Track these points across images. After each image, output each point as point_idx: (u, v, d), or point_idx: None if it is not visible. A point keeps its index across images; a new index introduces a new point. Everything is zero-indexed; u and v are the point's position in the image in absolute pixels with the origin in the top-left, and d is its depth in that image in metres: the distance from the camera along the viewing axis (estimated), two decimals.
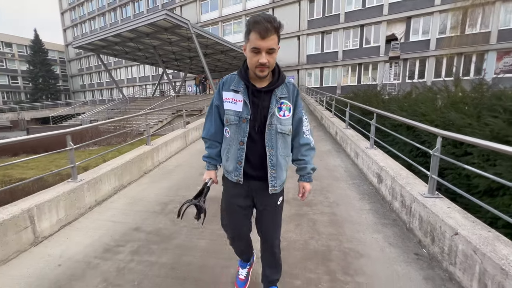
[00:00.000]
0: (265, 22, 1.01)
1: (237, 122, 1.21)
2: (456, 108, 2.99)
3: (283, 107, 1.22)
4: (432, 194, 2.17)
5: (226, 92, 1.24)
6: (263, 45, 1.04)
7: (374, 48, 21.37)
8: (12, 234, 2.01)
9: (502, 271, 1.32)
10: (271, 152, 1.22)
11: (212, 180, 1.37)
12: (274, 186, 1.26)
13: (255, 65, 1.09)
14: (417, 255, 1.99)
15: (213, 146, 1.37)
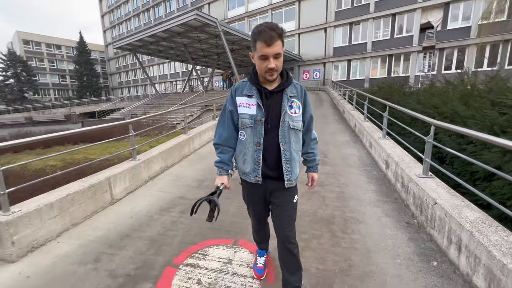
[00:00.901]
0: (269, 31, 1.10)
1: (253, 125, 1.28)
2: (463, 101, 3.18)
3: (293, 105, 1.29)
4: (426, 175, 2.53)
5: (240, 97, 1.31)
6: (269, 51, 1.12)
7: (407, 37, 20.23)
8: (99, 194, 2.81)
9: (460, 226, 1.72)
10: (285, 147, 1.29)
11: (224, 185, 1.39)
12: (290, 180, 1.33)
13: (264, 70, 1.18)
14: (408, 223, 2.40)
15: (225, 152, 1.40)
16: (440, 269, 1.80)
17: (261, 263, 1.77)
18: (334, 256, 1.98)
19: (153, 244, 2.22)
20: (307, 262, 1.87)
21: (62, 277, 1.85)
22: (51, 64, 46.39)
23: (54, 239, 2.31)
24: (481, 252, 1.50)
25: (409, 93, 5.60)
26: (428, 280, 1.71)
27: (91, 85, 45.16)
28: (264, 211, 1.52)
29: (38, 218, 2.19)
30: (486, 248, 1.45)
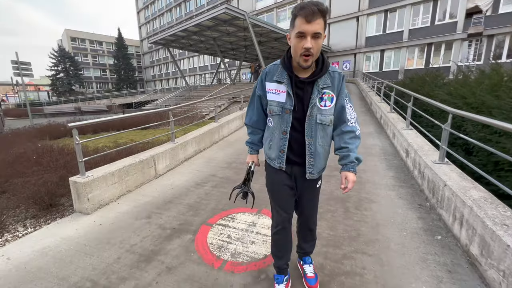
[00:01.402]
0: (311, 6, 1.01)
1: (280, 113, 1.23)
2: (492, 91, 3.11)
3: (324, 97, 1.20)
4: (441, 161, 2.64)
5: (269, 82, 1.25)
6: (309, 29, 1.02)
7: (450, 24, 18.55)
8: (146, 168, 3.37)
9: (463, 203, 1.88)
10: (310, 141, 1.24)
11: (255, 163, 1.47)
12: (312, 173, 1.30)
13: (299, 52, 1.08)
14: (420, 205, 2.56)
15: (255, 133, 1.44)
16: (443, 242, 1.98)
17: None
18: (345, 226, 2.25)
19: (191, 208, 2.69)
20: (319, 229, 2.17)
21: (125, 226, 2.39)
22: (94, 59, 50.54)
23: (115, 201, 2.89)
24: (477, 224, 1.67)
25: (442, 84, 5.41)
26: (429, 249, 1.92)
27: (128, 78, 48.50)
28: (290, 198, 1.39)
29: (104, 183, 2.77)
30: (482, 219, 1.62)
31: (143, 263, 1.88)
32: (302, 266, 1.63)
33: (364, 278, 1.66)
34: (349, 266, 1.76)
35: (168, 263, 1.86)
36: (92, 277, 1.75)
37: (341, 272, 1.72)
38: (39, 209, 2.86)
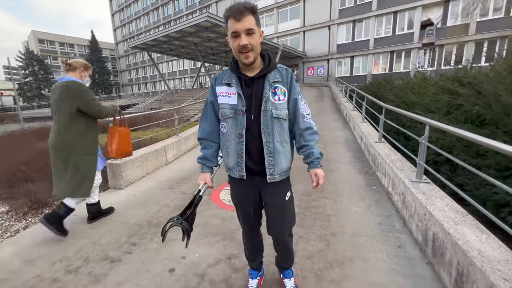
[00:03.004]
0: (238, 6, 1.03)
1: (233, 115, 1.19)
2: (416, 92, 4.35)
3: (277, 92, 1.18)
4: (380, 141, 3.77)
5: (219, 86, 1.22)
6: (239, 27, 1.04)
7: (408, 34, 20.96)
8: (159, 156, 4.15)
9: (386, 162, 2.97)
10: (268, 138, 1.19)
11: (207, 185, 1.33)
12: (272, 174, 1.21)
13: (237, 49, 1.08)
14: (366, 172, 3.66)
15: (209, 147, 1.33)
16: (376, 190, 3.06)
17: (253, 286, 1.56)
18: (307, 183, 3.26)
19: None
20: (298, 187, 3.14)
21: (154, 195, 3.19)
22: None
23: (139, 180, 3.66)
24: (390, 172, 2.75)
25: (392, 88, 6.75)
26: (367, 193, 2.97)
27: (103, 82, 46.97)
28: (254, 213, 1.36)
29: (131, 165, 3.53)
30: (392, 170, 2.70)
31: (178, 210, 2.71)
32: (283, 280, 1.58)
33: (325, 209, 2.65)
34: (316, 203, 2.76)
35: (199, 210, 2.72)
36: (146, 219, 2.56)
37: (311, 206, 2.71)
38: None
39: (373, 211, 2.57)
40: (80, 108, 2.18)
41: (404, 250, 1.97)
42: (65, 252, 2.07)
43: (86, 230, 2.41)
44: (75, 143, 2.22)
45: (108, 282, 1.73)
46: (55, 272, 1.84)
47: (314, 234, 2.19)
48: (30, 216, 2.94)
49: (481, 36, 17.69)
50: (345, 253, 1.95)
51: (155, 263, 1.90)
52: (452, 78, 3.19)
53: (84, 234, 2.34)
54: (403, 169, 2.63)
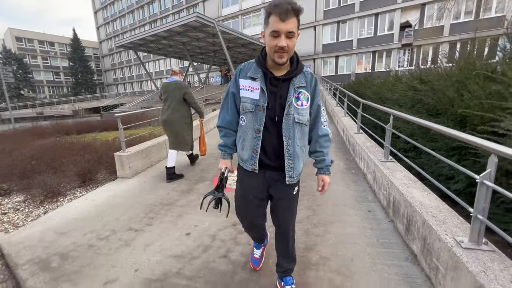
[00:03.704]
0: (286, 4, 1.00)
1: (253, 110, 1.19)
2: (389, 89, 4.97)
3: (301, 97, 1.18)
4: (358, 131, 4.32)
5: (243, 79, 1.22)
6: (283, 27, 1.01)
7: (388, 35, 22.01)
8: (161, 149, 4.50)
9: (362, 148, 3.49)
10: (289, 142, 1.20)
11: (228, 169, 1.36)
12: (291, 177, 1.24)
13: (274, 49, 1.07)
14: (347, 158, 4.19)
15: (229, 135, 1.35)
16: (354, 173, 3.58)
17: (257, 254, 1.72)
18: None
19: (203, 171, 3.95)
20: None
21: (160, 182, 3.55)
22: (45, 61, 46.41)
23: (144, 170, 4.01)
24: (365, 157, 3.28)
25: (371, 86, 7.39)
26: (347, 175, 3.49)
27: (86, 82, 45.64)
28: (259, 210, 1.39)
29: (137, 157, 3.88)
30: (367, 154, 3.22)
31: (185, 193, 3.12)
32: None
33: (311, 188, 3.13)
34: (304, 184, 3.21)
35: (201, 192, 3.13)
36: (157, 201, 2.94)
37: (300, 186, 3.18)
38: (82, 181, 3.83)
39: (351, 188, 3.08)
40: (184, 95, 3.59)
41: (373, 213, 2.48)
42: (92, 226, 2.43)
43: (107, 210, 2.77)
44: (181, 117, 3.61)
45: (136, 244, 2.12)
46: (89, 240, 2.21)
47: (303, 205, 2.66)
48: (47, 203, 3.23)
49: (453, 37, 18.94)
50: (327, 217, 2.43)
51: (173, 230, 2.31)
52: (415, 77, 3.76)
53: (105, 214, 2.69)
54: (375, 153, 3.16)
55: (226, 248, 2.01)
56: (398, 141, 3.60)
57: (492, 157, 1.25)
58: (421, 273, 1.66)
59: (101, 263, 1.89)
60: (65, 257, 1.98)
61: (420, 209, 1.76)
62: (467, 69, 2.57)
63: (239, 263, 1.84)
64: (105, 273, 1.79)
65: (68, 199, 3.32)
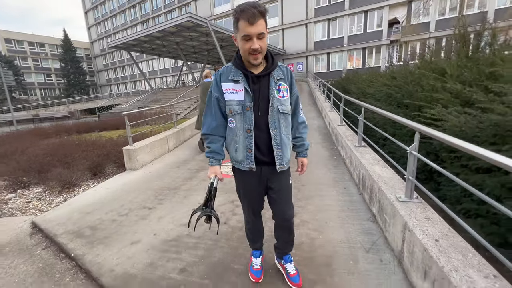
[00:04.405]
0: (252, 9, 1.05)
1: (241, 111, 1.24)
2: (369, 85, 5.47)
3: (281, 89, 1.26)
4: (341, 123, 4.82)
5: (225, 83, 1.25)
6: (252, 31, 1.07)
7: (377, 32, 22.54)
8: (163, 144, 4.93)
9: (343, 138, 3.99)
10: (275, 132, 1.27)
11: (218, 178, 1.34)
12: (281, 164, 1.32)
13: (248, 52, 1.12)
14: (332, 148, 4.69)
15: (216, 141, 1.35)
16: (336, 159, 4.08)
17: (257, 265, 1.65)
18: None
19: (202, 162, 4.40)
20: None
21: (165, 172, 3.99)
22: (35, 63, 45.78)
23: (149, 163, 4.44)
24: (345, 145, 3.77)
25: (356, 82, 7.91)
26: (329, 161, 3.98)
27: (78, 83, 45.24)
28: (260, 200, 1.48)
29: (143, 151, 4.30)
30: (345, 142, 3.72)
31: (188, 180, 3.57)
32: (283, 265, 1.63)
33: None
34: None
35: (202, 178, 3.58)
36: (165, 186, 3.38)
37: None
38: (93, 174, 4.24)
39: (331, 171, 3.58)
40: None
41: (347, 189, 2.98)
42: (112, 207, 2.87)
43: (121, 195, 3.20)
44: None
45: (152, 218, 2.57)
46: (111, 216, 2.65)
47: None
48: (64, 193, 3.65)
49: (439, 33, 19.60)
50: (309, 193, 2.92)
51: (181, 207, 2.76)
52: (389, 74, 4.27)
53: (120, 198, 3.13)
54: (352, 141, 3.66)
55: (226, 218, 2.48)
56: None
57: (416, 133, 1.74)
58: (377, 227, 2.16)
59: (125, 232, 2.34)
60: (94, 229, 2.42)
61: (377, 179, 2.26)
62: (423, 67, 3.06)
63: (236, 227, 2.30)
64: (130, 237, 2.24)
65: (83, 189, 3.74)
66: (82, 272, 1.89)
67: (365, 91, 5.38)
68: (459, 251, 1.29)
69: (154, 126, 7.52)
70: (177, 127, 5.76)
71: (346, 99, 4.61)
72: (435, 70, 2.69)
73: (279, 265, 1.69)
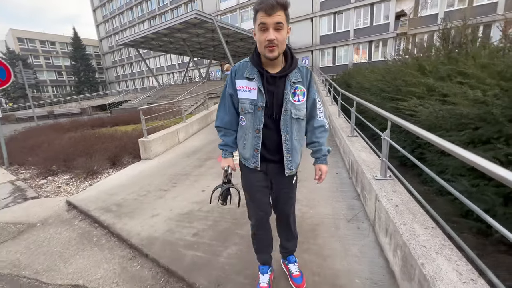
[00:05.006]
0: (271, 0, 1.02)
1: (252, 111, 1.22)
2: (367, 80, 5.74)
3: (297, 92, 1.21)
4: (338, 116, 5.13)
5: (240, 80, 1.23)
6: (269, 20, 1.03)
7: (384, 25, 22.27)
8: (174, 137, 5.36)
9: (339, 130, 4.32)
10: (286, 137, 1.24)
11: (231, 167, 1.40)
12: (290, 169, 1.31)
13: (263, 44, 1.08)
14: (330, 139, 5.02)
15: (228, 134, 1.38)
16: (333, 149, 4.41)
17: (265, 283, 1.53)
18: None
19: (209, 152, 4.81)
20: None
21: (177, 161, 4.42)
22: (47, 61, 47.00)
23: (162, 153, 4.88)
24: (339, 135, 4.10)
25: (356, 76, 8.14)
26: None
27: (88, 80, 46.34)
28: (265, 198, 1.42)
29: (156, 142, 4.74)
30: (340, 132, 4.04)
31: (198, 167, 3.99)
32: (287, 266, 1.63)
33: None
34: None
35: (209, 166, 3.99)
36: (177, 173, 3.81)
37: None
38: (112, 163, 4.71)
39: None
40: None
41: (340, 174, 3.33)
42: (132, 189, 3.32)
43: (139, 180, 3.65)
44: None
45: (167, 197, 3.00)
46: (133, 196, 3.09)
47: None
48: (89, 179, 4.12)
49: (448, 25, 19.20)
50: (304, 177, 3.28)
51: (192, 189, 3.18)
52: (383, 69, 4.54)
53: (139, 182, 3.57)
54: (346, 132, 3.99)
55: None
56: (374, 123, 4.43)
57: (389, 122, 2.08)
58: (359, 204, 2.52)
59: (146, 207, 2.78)
60: (119, 205, 2.87)
61: (361, 163, 2.61)
62: (411, 63, 3.34)
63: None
64: (150, 211, 2.67)
65: (105, 176, 4.21)
66: (114, 236, 2.33)
67: (363, 86, 5.66)
68: (411, 213, 1.64)
69: (164, 121, 7.98)
70: (186, 121, 6.19)
71: (342, 93, 4.92)
72: (420, 66, 2.97)
73: (283, 265, 1.69)
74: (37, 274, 1.91)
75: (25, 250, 2.23)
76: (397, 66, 3.89)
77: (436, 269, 1.18)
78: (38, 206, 3.14)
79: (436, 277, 1.14)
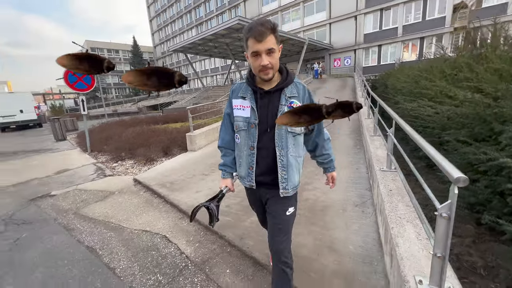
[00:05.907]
0: (259, 26, 1.05)
1: (246, 128, 1.24)
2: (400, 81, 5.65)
3: (293, 107, 1.18)
4: (367, 117, 5.25)
5: (235, 99, 1.28)
6: (261, 47, 1.07)
7: (439, 19, 20.38)
8: (214, 133, 6.17)
9: (363, 127, 4.52)
10: (281, 152, 1.22)
11: (228, 188, 1.38)
12: (286, 188, 1.25)
13: (258, 68, 1.12)
14: (357, 139, 5.20)
15: (228, 154, 1.40)
16: (358, 148, 4.61)
17: None
18: None
19: None
20: None
21: (216, 153, 5.12)
22: None
23: (204, 146, 5.70)
24: (365, 134, 4.31)
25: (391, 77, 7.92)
26: (351, 150, 4.56)
27: None
28: (264, 215, 1.45)
29: (200, 137, 5.57)
30: (366, 131, 4.26)
31: None
32: None
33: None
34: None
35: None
36: (215, 162, 4.52)
37: None
38: (165, 153, 5.68)
39: (350, 156, 4.20)
40: None
41: (359, 170, 3.61)
42: (181, 173, 4.12)
43: (186, 166, 4.46)
44: None
45: (208, 180, 3.70)
46: (182, 178, 3.88)
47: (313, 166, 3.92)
48: (148, 164, 5.11)
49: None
50: None
51: None
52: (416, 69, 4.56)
53: (186, 167, 4.38)
54: (370, 131, 4.19)
55: None
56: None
57: (393, 121, 2.39)
58: (370, 194, 2.83)
59: (192, 186, 3.51)
60: (172, 183, 3.66)
61: (374, 158, 2.90)
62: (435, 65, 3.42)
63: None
64: (194, 189, 3.39)
65: (159, 162, 5.16)
66: (168, 203, 3.09)
67: (396, 87, 5.65)
68: (400, 195, 1.97)
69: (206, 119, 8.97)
70: None
71: (372, 95, 5.06)
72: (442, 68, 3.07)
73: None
74: (120, 222, 2.74)
75: (110, 207, 3.13)
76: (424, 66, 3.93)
77: (401, 231, 1.54)
78: (114, 181, 4.15)
79: (399, 235, 1.51)
